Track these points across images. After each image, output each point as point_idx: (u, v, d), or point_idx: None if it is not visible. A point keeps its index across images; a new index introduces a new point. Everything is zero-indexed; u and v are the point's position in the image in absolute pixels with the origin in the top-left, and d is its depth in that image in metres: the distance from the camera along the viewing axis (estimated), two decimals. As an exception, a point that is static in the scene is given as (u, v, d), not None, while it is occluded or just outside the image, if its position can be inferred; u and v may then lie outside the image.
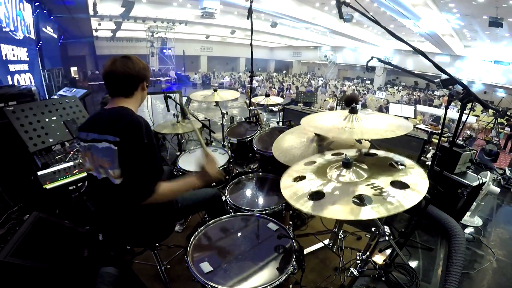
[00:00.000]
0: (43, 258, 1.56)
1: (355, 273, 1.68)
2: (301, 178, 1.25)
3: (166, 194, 1.30)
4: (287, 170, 1.36)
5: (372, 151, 1.37)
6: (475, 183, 2.55)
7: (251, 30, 3.05)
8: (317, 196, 1.09)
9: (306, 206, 1.04)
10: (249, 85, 3.65)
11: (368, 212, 0.93)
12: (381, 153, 1.35)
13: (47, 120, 2.24)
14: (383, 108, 8.79)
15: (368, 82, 23.21)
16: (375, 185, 1.05)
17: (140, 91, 1.38)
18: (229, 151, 2.46)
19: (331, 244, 2.17)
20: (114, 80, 1.28)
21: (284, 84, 17.30)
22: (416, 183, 1.03)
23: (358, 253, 1.74)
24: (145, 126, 1.23)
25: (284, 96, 13.21)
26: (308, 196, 1.09)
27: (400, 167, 1.17)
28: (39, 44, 7.18)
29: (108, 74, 1.28)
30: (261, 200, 1.92)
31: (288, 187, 1.21)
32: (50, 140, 2.19)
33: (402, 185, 1.03)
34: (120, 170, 1.22)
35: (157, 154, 1.32)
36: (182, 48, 19.52)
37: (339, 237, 2.03)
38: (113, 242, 1.67)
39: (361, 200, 1.01)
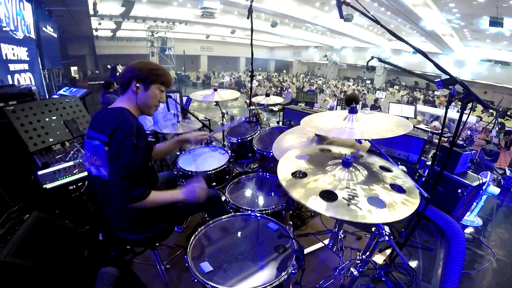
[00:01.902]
0: (43, 258, 1.56)
1: (355, 273, 1.67)
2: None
3: (154, 202, 1.30)
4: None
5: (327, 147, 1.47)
6: (475, 183, 2.55)
7: (251, 29, 3.04)
8: (298, 176, 1.17)
9: (286, 181, 1.13)
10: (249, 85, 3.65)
11: (316, 206, 0.98)
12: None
13: (47, 119, 2.24)
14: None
15: (368, 82, 23.24)
16: (353, 191, 1.07)
17: (132, 91, 1.34)
18: (229, 151, 2.46)
19: (331, 244, 2.17)
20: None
21: (283, 84, 17.26)
22: (396, 207, 1.04)
23: (358, 253, 1.74)
24: (137, 128, 1.23)
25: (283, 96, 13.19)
26: (292, 174, 1.17)
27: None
28: (39, 44, 7.16)
29: None
30: (261, 200, 1.92)
31: (286, 160, 1.29)
32: (50, 139, 2.19)
33: (380, 203, 1.03)
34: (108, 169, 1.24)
35: (149, 158, 1.32)
36: (182, 48, 19.50)
37: (339, 237, 2.03)
38: (113, 242, 1.67)
39: (326, 196, 1.03)
